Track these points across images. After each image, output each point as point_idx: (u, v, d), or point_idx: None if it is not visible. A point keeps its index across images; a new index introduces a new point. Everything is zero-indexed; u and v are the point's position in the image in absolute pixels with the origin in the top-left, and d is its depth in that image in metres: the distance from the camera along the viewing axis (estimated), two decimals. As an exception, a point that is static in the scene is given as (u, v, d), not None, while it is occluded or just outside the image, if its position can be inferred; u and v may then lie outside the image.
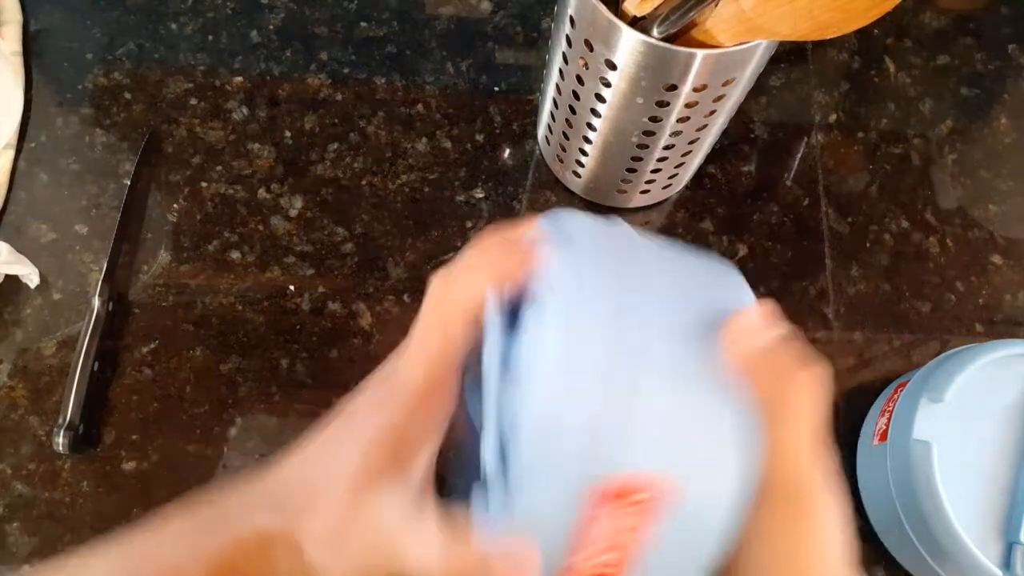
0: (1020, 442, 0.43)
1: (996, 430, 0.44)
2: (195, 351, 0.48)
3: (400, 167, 0.55)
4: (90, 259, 0.50)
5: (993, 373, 0.44)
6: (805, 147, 0.59)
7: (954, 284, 0.55)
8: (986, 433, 0.44)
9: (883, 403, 0.48)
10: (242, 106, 0.56)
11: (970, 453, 0.43)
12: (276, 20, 0.59)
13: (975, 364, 0.44)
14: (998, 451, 0.43)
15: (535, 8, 0.61)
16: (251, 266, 0.51)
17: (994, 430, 0.44)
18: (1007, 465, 0.43)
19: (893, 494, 0.44)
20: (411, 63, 0.59)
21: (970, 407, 0.44)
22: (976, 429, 0.43)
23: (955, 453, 0.42)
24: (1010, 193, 0.59)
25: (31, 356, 0.47)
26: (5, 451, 0.45)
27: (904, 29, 0.64)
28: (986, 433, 0.44)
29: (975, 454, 0.43)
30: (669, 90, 0.39)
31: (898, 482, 0.43)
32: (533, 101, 0.58)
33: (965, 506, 0.41)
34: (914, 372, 0.48)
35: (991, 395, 0.44)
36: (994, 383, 0.44)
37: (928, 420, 0.43)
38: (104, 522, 0.44)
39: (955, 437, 0.43)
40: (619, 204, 0.54)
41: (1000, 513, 0.42)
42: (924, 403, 0.44)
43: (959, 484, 0.42)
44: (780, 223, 0.56)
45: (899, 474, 0.43)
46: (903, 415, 0.44)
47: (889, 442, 0.45)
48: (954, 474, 0.42)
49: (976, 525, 0.41)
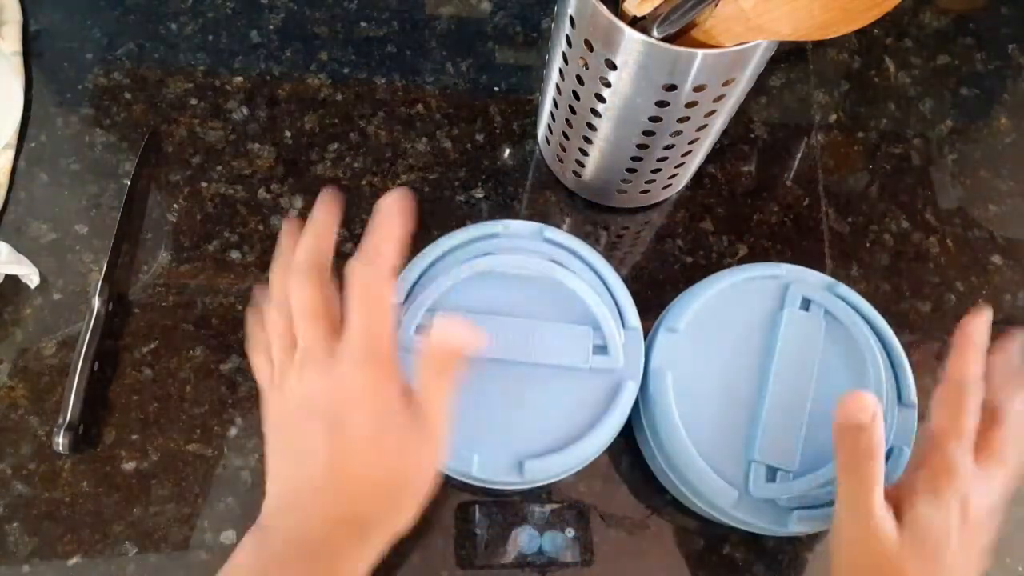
0: (760, 363, 0.44)
1: (737, 354, 0.44)
2: (195, 351, 0.48)
3: (400, 167, 0.55)
4: (90, 259, 0.50)
5: (733, 297, 0.45)
6: (805, 147, 0.59)
7: (954, 284, 0.55)
8: (726, 357, 0.44)
9: None
10: (242, 106, 0.56)
11: (710, 378, 0.43)
12: (276, 20, 0.59)
13: (711, 291, 0.45)
14: (739, 374, 0.44)
15: (535, 8, 0.61)
16: (251, 266, 0.51)
17: (735, 354, 0.44)
18: (748, 387, 0.43)
19: (643, 424, 0.44)
20: (411, 63, 0.59)
21: (709, 333, 0.44)
22: (716, 354, 0.44)
23: (694, 380, 0.43)
24: (1010, 193, 0.59)
25: (31, 356, 0.47)
26: (5, 451, 0.45)
27: (904, 29, 0.64)
28: (726, 357, 0.44)
29: (716, 378, 0.43)
30: (669, 90, 0.39)
31: (647, 414, 0.44)
32: (533, 101, 0.58)
33: (704, 430, 0.42)
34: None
35: (731, 320, 0.45)
36: (735, 307, 0.45)
37: (664, 350, 0.44)
38: (104, 522, 0.44)
39: (693, 365, 0.43)
40: (619, 204, 0.54)
41: (741, 434, 0.42)
42: (661, 334, 0.44)
43: (699, 409, 0.42)
44: (780, 223, 0.56)
45: (646, 407, 0.44)
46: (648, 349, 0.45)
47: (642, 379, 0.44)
48: (693, 400, 0.42)
49: (717, 447, 0.42)
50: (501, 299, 0.43)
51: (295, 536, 0.32)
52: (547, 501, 0.46)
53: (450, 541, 0.45)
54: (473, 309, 0.43)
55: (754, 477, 0.41)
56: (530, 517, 0.45)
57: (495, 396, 0.42)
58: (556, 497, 0.46)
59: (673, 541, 0.46)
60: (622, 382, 0.42)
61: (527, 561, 0.44)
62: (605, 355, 0.42)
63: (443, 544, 0.45)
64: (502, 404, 0.41)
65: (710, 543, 0.46)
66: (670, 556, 0.46)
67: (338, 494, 0.32)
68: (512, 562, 0.44)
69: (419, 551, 0.44)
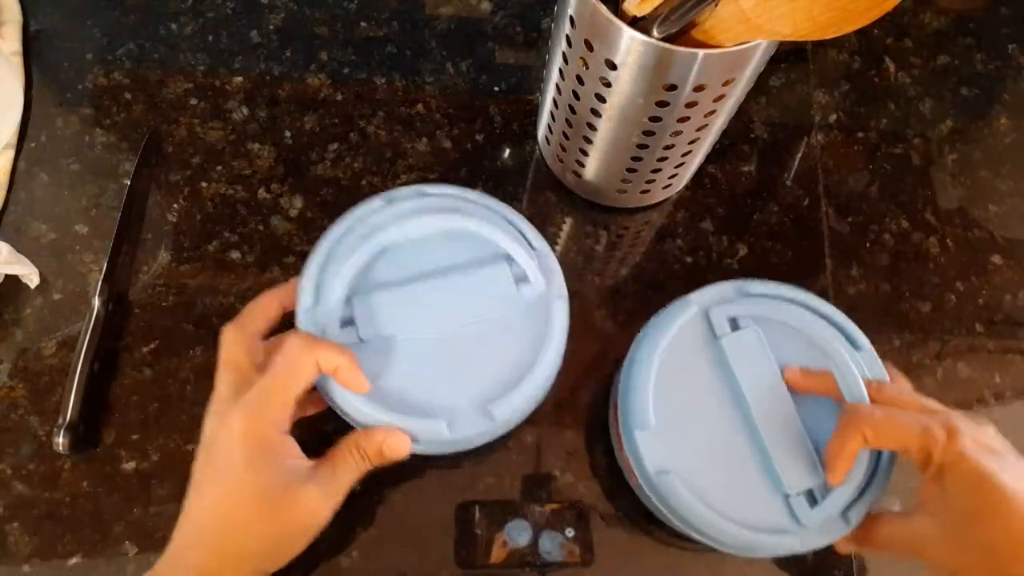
0: (734, 402, 0.42)
1: (711, 408, 0.42)
2: (195, 351, 0.48)
3: (400, 167, 0.55)
4: (90, 259, 0.50)
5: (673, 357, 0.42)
6: (805, 147, 0.59)
7: (954, 284, 0.55)
8: (705, 417, 0.42)
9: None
10: (242, 106, 0.56)
11: (706, 446, 0.41)
12: (276, 20, 0.59)
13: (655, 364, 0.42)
14: (725, 425, 0.42)
15: (535, 8, 0.61)
16: (251, 266, 0.51)
17: (710, 410, 0.42)
18: (740, 433, 0.42)
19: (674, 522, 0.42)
20: (411, 63, 0.59)
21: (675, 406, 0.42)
22: (695, 420, 0.42)
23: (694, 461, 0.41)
24: (1010, 193, 0.59)
25: (31, 356, 0.47)
26: (5, 451, 0.45)
27: (904, 29, 0.64)
28: (705, 417, 0.42)
29: (710, 443, 0.41)
30: (669, 90, 0.39)
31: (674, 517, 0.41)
32: (533, 101, 0.58)
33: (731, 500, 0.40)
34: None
35: (685, 379, 0.42)
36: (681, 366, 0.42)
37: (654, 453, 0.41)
38: (104, 522, 0.44)
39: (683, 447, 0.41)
40: (619, 204, 0.54)
41: (762, 479, 0.41)
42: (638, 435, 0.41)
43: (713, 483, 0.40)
44: (780, 223, 0.56)
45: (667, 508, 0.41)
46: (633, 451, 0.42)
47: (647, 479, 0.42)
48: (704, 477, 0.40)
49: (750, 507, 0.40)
50: (412, 266, 0.42)
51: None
52: (547, 501, 0.46)
53: (450, 541, 0.45)
54: (388, 285, 0.42)
55: (799, 509, 0.40)
56: (530, 517, 0.45)
57: (441, 359, 0.41)
58: (556, 497, 0.46)
59: (673, 541, 0.46)
60: (551, 303, 0.42)
61: (526, 561, 0.44)
62: (528, 283, 0.42)
63: (443, 544, 0.44)
64: (450, 365, 0.41)
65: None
66: (670, 556, 0.46)
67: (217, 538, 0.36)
68: (512, 562, 0.44)
69: (419, 551, 0.44)
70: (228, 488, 0.35)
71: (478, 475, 0.46)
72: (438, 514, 0.45)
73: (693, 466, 0.41)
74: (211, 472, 0.36)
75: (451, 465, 0.46)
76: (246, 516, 0.35)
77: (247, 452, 0.35)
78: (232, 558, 0.35)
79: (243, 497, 0.35)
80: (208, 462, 0.36)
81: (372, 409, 0.39)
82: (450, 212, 0.43)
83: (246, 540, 0.35)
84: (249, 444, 0.35)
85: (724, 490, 0.40)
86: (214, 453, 0.36)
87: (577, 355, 0.43)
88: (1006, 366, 0.54)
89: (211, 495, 0.36)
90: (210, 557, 0.35)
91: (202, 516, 0.36)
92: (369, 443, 0.38)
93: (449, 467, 0.46)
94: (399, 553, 0.44)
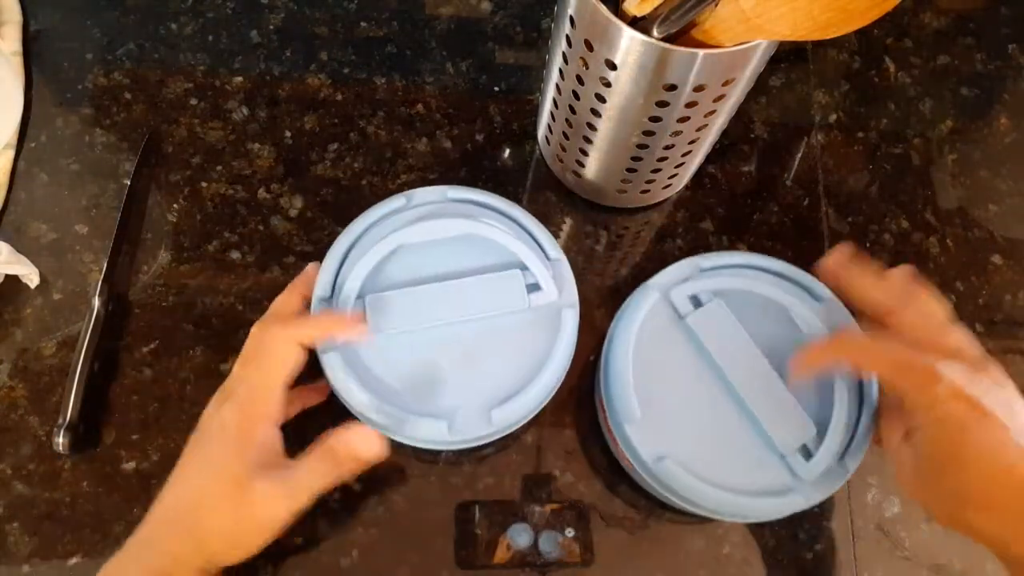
0: (713, 375, 0.43)
1: (692, 387, 0.43)
2: (195, 351, 0.48)
3: (400, 167, 0.55)
4: (90, 259, 0.50)
5: (648, 341, 0.43)
6: (805, 147, 0.59)
7: (954, 284, 0.55)
8: (691, 398, 0.42)
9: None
10: (242, 106, 0.56)
11: (695, 426, 0.42)
12: (276, 20, 0.59)
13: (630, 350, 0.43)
14: (711, 401, 0.42)
15: (535, 8, 0.61)
16: (251, 266, 0.51)
17: (693, 389, 0.43)
18: (726, 405, 0.42)
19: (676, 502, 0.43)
20: (411, 63, 0.59)
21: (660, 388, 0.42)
22: (682, 402, 0.42)
23: (685, 443, 0.41)
24: (1010, 193, 0.59)
25: (31, 356, 0.47)
26: (5, 451, 0.45)
27: (904, 29, 0.64)
28: (691, 398, 0.42)
29: (699, 421, 0.42)
30: (669, 90, 0.39)
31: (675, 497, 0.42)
32: (533, 101, 0.58)
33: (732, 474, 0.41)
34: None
35: (662, 360, 0.43)
36: (654, 349, 0.43)
37: (648, 441, 0.42)
38: (104, 522, 0.44)
39: (675, 430, 0.42)
40: (619, 204, 0.54)
41: (758, 445, 0.41)
42: (627, 427, 0.42)
43: (708, 461, 0.41)
44: (780, 223, 0.56)
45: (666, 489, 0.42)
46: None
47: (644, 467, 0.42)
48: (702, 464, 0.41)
49: (752, 474, 0.41)
50: (427, 267, 0.43)
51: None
52: (547, 501, 0.46)
53: (450, 541, 0.45)
54: (401, 284, 0.42)
55: (796, 466, 0.41)
56: (530, 517, 0.45)
57: (447, 361, 0.42)
58: (556, 497, 0.46)
59: (673, 541, 0.46)
60: (561, 312, 0.42)
61: (527, 561, 0.44)
62: (539, 291, 0.42)
63: (443, 544, 0.45)
64: (457, 366, 0.41)
65: (710, 543, 0.46)
66: (670, 556, 0.46)
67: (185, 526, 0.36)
68: (512, 562, 0.44)
69: (419, 551, 0.44)
70: (206, 475, 0.36)
71: (478, 475, 0.46)
72: (438, 514, 0.45)
73: (687, 447, 0.41)
74: (195, 458, 0.38)
75: (451, 465, 0.46)
76: (215, 504, 0.36)
77: (231, 443, 0.37)
78: (198, 543, 0.36)
79: (216, 485, 0.36)
80: (196, 447, 0.38)
81: (373, 406, 0.39)
82: (468, 217, 0.43)
83: (211, 526, 0.36)
84: (235, 435, 0.37)
85: (722, 464, 0.41)
86: (204, 440, 0.38)
87: (577, 355, 0.43)
88: (1006, 366, 0.52)
89: (192, 479, 0.37)
90: (180, 540, 0.36)
91: (179, 498, 0.37)
92: (338, 442, 0.38)
93: (449, 467, 0.46)
94: (399, 553, 0.44)
